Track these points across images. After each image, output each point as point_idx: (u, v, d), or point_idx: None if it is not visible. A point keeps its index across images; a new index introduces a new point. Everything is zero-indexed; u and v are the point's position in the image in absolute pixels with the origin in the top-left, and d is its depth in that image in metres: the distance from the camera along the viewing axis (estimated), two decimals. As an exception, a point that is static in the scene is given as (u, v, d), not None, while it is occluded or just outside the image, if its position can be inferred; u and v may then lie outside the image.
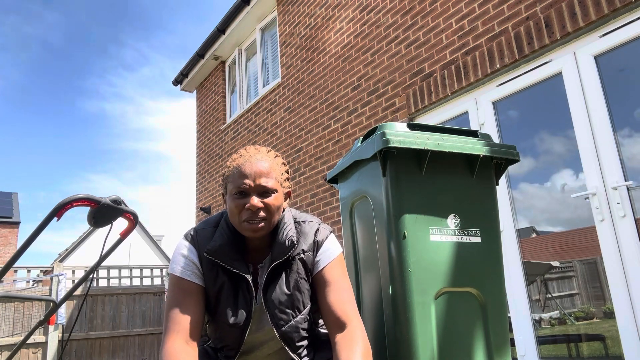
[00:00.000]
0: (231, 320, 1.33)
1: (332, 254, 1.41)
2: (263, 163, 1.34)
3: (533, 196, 3.44)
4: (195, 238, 1.39)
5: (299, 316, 1.37)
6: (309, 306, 1.40)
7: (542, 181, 3.42)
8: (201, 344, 1.46)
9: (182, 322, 1.28)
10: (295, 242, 1.37)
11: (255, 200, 1.30)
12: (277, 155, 1.42)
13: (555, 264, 3.36)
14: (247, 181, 1.31)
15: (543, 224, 3.41)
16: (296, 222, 1.44)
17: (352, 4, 5.12)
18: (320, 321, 1.55)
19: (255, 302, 1.35)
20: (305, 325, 1.39)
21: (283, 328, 1.34)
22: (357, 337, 1.29)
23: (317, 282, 1.39)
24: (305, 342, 1.40)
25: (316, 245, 1.41)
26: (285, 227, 1.39)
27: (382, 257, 1.70)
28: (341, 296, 1.36)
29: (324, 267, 1.39)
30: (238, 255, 1.36)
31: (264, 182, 1.31)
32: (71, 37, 64.11)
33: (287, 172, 1.44)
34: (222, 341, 1.38)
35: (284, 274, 1.37)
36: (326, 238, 1.43)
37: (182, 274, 1.34)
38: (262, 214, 1.31)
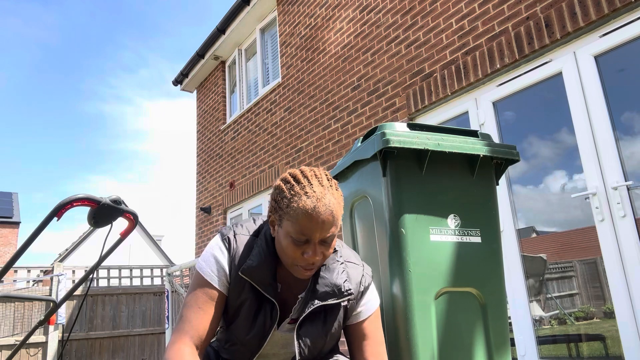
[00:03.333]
0: (245, 338, 1.30)
1: (373, 306, 1.40)
2: (332, 210, 1.20)
3: (533, 196, 3.44)
4: (234, 245, 1.32)
5: (323, 356, 1.38)
6: (334, 346, 1.41)
7: (542, 181, 3.42)
8: (212, 346, 1.46)
9: (197, 327, 1.24)
10: (351, 290, 1.33)
11: (317, 253, 1.22)
12: (337, 187, 1.28)
13: (544, 256, 3.37)
14: (312, 232, 1.19)
15: (543, 223, 3.42)
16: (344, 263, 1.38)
17: (352, 4, 5.12)
18: None
19: (276, 327, 1.32)
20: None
21: None
22: None
23: (355, 332, 1.38)
24: None
25: (360, 294, 1.37)
26: (337, 267, 1.34)
27: (382, 257, 1.70)
28: (378, 351, 1.36)
29: (365, 319, 1.38)
30: (271, 279, 1.31)
31: (329, 233, 1.21)
32: (70, 39, 64.16)
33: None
34: (231, 354, 1.37)
35: (324, 317, 1.33)
36: (369, 286, 1.40)
37: (211, 278, 1.29)
38: (318, 263, 1.25)
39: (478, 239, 1.76)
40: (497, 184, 1.88)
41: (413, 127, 1.81)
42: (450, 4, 3.94)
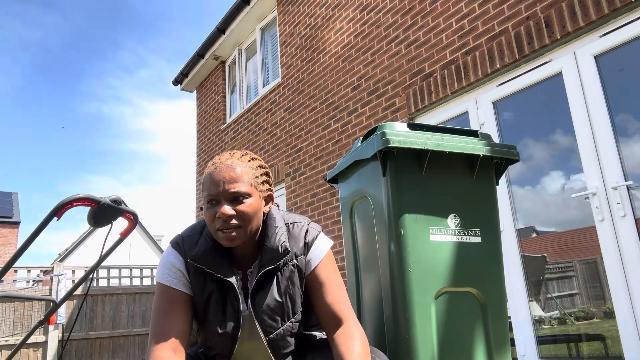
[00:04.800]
0: (220, 329, 1.30)
1: (321, 252, 1.39)
2: (232, 169, 1.28)
3: (533, 196, 3.44)
4: (182, 245, 1.35)
5: (288, 323, 1.34)
6: (299, 313, 1.37)
7: (542, 181, 3.42)
8: (195, 349, 1.45)
9: (168, 332, 1.25)
10: (288, 248, 1.33)
11: (226, 209, 1.25)
12: (253, 159, 1.36)
13: (545, 255, 3.37)
14: (215, 189, 1.26)
15: (543, 223, 3.41)
16: (285, 224, 1.40)
17: (352, 3, 5.11)
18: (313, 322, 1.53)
19: (245, 308, 1.33)
20: (295, 332, 1.37)
21: (271, 335, 1.32)
22: (354, 331, 1.29)
23: (310, 283, 1.38)
24: (292, 348, 1.39)
25: (306, 247, 1.38)
26: (277, 231, 1.35)
27: (382, 257, 1.70)
28: (335, 295, 1.35)
29: (315, 266, 1.37)
30: (224, 261, 1.32)
31: (233, 188, 1.26)
32: (69, 40, 64.06)
33: (265, 174, 1.38)
34: (213, 350, 1.36)
35: (275, 280, 1.34)
36: (315, 238, 1.40)
37: (169, 282, 1.31)
38: (234, 222, 1.26)
39: (478, 239, 1.76)
40: (497, 184, 1.88)
41: (413, 127, 1.81)
42: (450, 4, 3.94)
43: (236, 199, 1.27)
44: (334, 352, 1.27)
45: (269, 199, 1.40)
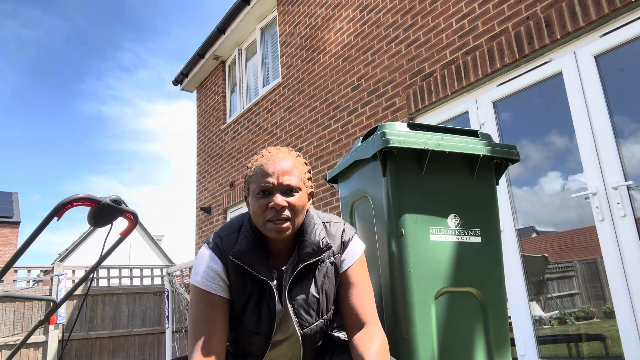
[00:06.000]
0: (255, 330, 1.31)
1: (356, 253, 1.41)
2: (286, 161, 1.32)
3: (533, 196, 3.44)
4: (221, 246, 1.33)
5: (321, 320, 1.35)
6: (331, 311, 1.38)
7: (542, 181, 3.42)
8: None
9: (212, 342, 1.23)
10: (330, 244, 1.35)
11: (279, 199, 1.26)
12: (298, 155, 1.40)
13: (545, 255, 3.36)
14: (270, 179, 1.28)
15: (543, 223, 3.41)
16: (322, 222, 1.41)
17: (352, 3, 5.11)
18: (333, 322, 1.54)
19: (280, 306, 1.33)
20: (324, 330, 1.39)
21: (305, 330, 1.33)
22: (375, 333, 1.30)
23: (340, 282, 1.39)
24: (317, 345, 1.40)
25: (343, 246, 1.39)
26: (315, 227, 1.37)
27: (383, 256, 1.70)
28: (362, 298, 1.36)
29: (349, 267, 1.38)
30: (262, 260, 1.32)
31: (287, 180, 1.29)
32: (69, 40, 63.93)
33: (309, 171, 1.41)
34: (245, 349, 1.36)
35: (312, 276, 1.34)
36: (351, 238, 1.42)
37: (208, 287, 1.29)
38: (286, 213, 1.27)
39: (478, 239, 1.76)
40: (497, 184, 1.88)
41: (413, 127, 1.81)
42: (450, 4, 3.94)
43: (289, 191, 1.29)
44: (353, 353, 1.27)
45: (310, 196, 1.41)
